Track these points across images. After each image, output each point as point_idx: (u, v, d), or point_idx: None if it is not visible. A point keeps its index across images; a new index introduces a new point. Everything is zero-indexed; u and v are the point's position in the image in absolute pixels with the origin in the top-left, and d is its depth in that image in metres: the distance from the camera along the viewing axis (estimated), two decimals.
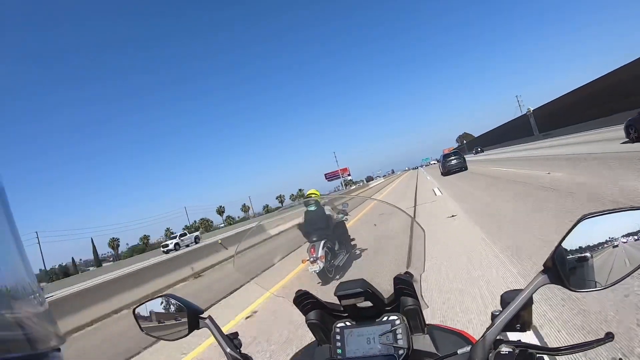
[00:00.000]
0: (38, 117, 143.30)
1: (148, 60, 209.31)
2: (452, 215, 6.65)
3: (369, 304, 0.74)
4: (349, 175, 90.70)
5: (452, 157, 20.22)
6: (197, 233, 42.16)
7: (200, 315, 0.77)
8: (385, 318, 0.74)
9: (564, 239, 0.55)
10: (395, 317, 0.73)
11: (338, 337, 0.75)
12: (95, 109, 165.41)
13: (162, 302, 0.79)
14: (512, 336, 0.65)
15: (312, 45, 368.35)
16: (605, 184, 5.31)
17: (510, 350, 0.57)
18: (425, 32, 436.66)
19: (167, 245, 34.68)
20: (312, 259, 3.59)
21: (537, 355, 0.58)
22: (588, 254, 0.54)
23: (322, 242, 3.73)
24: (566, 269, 0.54)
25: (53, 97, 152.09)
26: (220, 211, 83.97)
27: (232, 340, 0.75)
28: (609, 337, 0.52)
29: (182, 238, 36.59)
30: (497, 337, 0.59)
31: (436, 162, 51.76)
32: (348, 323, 0.77)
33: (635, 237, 0.52)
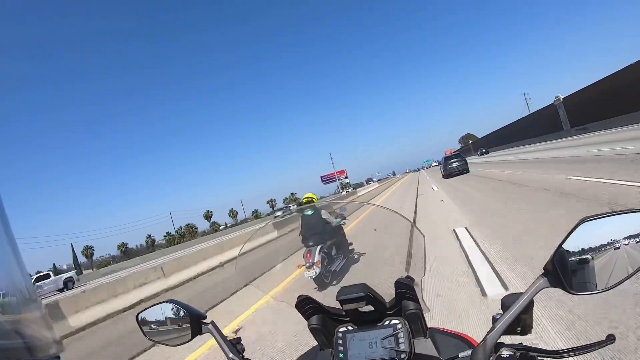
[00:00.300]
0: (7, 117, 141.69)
1: (133, 60, 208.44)
2: None
3: (370, 308, 0.76)
4: (346, 177, 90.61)
5: (454, 160, 20.41)
6: (71, 273, 27.95)
7: (203, 321, 0.81)
8: (387, 322, 0.77)
9: (563, 241, 0.57)
10: (396, 321, 0.75)
11: (340, 342, 0.77)
12: (75, 109, 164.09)
13: (165, 308, 0.83)
14: (514, 340, 0.68)
15: (311, 45, 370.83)
16: None
17: (511, 353, 0.60)
18: (427, 32, 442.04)
19: None
20: (308, 264, 3.63)
21: (538, 358, 0.61)
22: (588, 257, 0.56)
23: (319, 247, 3.77)
24: (566, 272, 0.56)
25: (22, 97, 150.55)
26: (208, 216, 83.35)
27: (235, 345, 0.78)
28: (610, 339, 0.55)
29: (38, 283, 23.13)
30: (499, 341, 0.61)
31: (437, 164, 51.81)
32: (350, 327, 0.79)
33: (636, 240, 0.53)
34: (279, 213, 55.78)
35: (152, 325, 0.84)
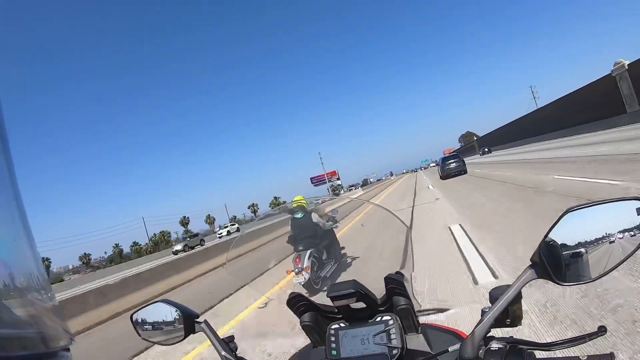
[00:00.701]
0: None
1: (124, 60, 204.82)
2: None
3: (362, 304, 0.81)
4: (337, 179, 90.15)
5: (452, 160, 21.14)
6: None
7: (196, 320, 0.86)
8: (378, 318, 0.82)
9: (548, 232, 0.61)
10: (388, 317, 0.81)
11: (333, 339, 0.82)
12: (45, 110, 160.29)
13: (158, 308, 0.88)
14: (504, 332, 0.74)
15: (310, 46, 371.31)
16: None
17: (501, 346, 0.64)
18: (427, 31, 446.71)
19: None
20: (297, 269, 3.67)
21: (528, 350, 0.65)
22: (574, 247, 0.59)
23: (308, 251, 3.81)
24: (553, 263, 0.60)
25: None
26: (185, 222, 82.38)
27: (228, 344, 0.83)
28: (602, 330, 0.58)
29: None
30: (488, 334, 0.66)
31: (435, 164, 52.16)
32: (342, 324, 0.84)
33: (631, 233, 0.56)
34: (179, 247, 37.53)
35: (146, 325, 0.89)
